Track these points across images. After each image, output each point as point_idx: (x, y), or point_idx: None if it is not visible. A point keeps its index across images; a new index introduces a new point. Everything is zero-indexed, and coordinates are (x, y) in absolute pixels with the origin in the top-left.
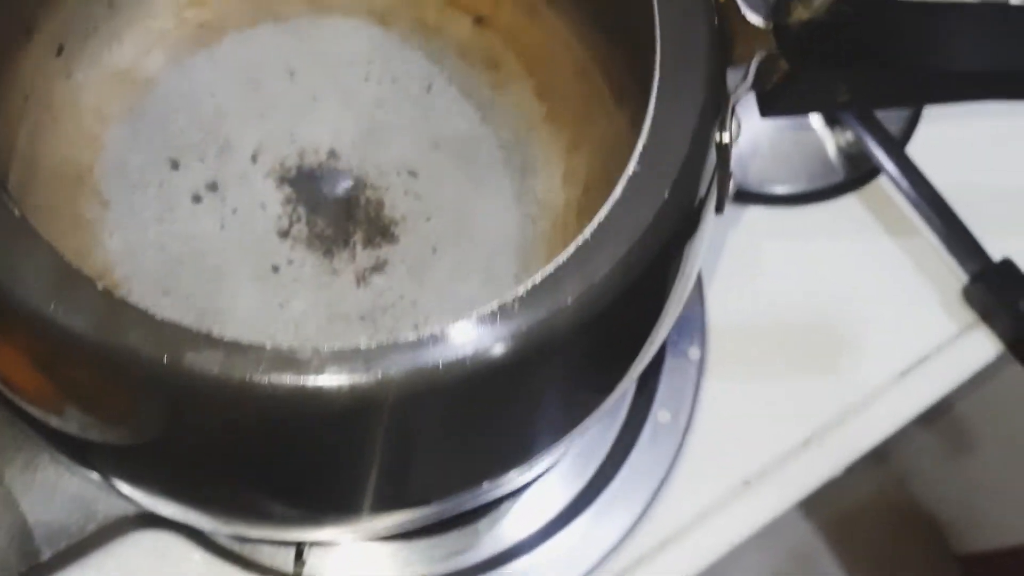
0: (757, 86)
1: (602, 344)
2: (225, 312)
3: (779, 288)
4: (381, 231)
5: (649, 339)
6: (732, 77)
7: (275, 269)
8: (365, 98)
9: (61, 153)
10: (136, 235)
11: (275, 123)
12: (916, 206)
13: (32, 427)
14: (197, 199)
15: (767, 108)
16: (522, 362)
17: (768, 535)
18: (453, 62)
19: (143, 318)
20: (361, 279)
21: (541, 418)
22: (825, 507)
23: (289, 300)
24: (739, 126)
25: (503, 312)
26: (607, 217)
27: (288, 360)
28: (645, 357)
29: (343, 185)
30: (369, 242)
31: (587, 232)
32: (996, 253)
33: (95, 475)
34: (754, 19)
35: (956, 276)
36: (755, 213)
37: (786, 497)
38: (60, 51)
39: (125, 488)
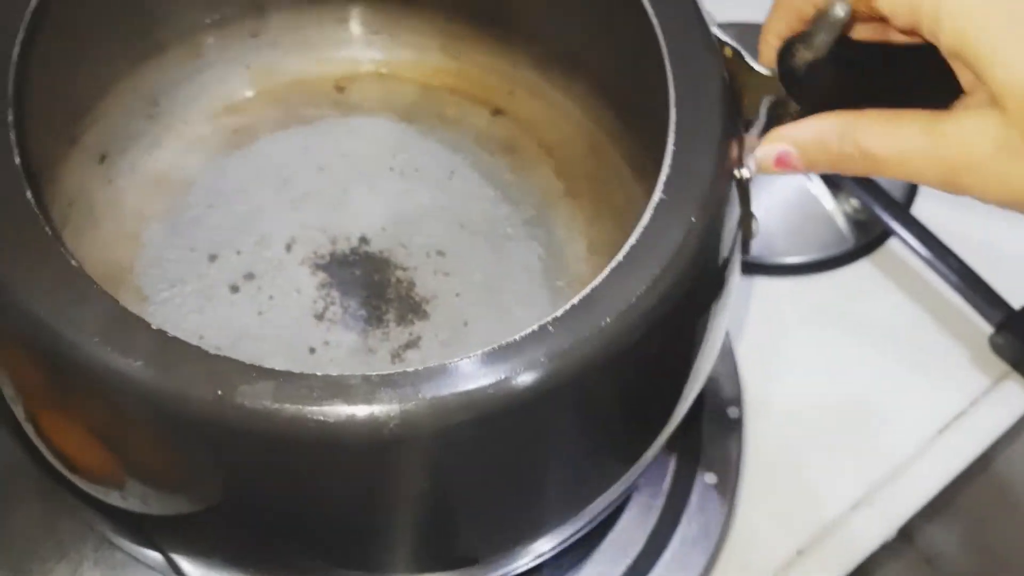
0: None
1: (653, 363)
2: None
3: (807, 354)
4: (413, 308)
5: (697, 361)
6: (745, 125)
7: (312, 351)
8: (392, 187)
9: (102, 254)
10: (175, 326)
11: (307, 215)
12: (930, 264)
13: (92, 507)
14: (235, 289)
15: None
16: (571, 382)
17: None
18: (473, 150)
19: (197, 353)
20: (396, 356)
21: (601, 444)
22: None
23: None
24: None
25: (544, 333)
26: (638, 241)
27: (339, 386)
28: (699, 376)
29: (374, 268)
30: (402, 320)
31: (620, 255)
32: (1015, 301)
33: (155, 554)
34: (760, 69)
35: (979, 329)
36: (774, 284)
37: (843, 563)
38: (102, 159)
39: (185, 563)
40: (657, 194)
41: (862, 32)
